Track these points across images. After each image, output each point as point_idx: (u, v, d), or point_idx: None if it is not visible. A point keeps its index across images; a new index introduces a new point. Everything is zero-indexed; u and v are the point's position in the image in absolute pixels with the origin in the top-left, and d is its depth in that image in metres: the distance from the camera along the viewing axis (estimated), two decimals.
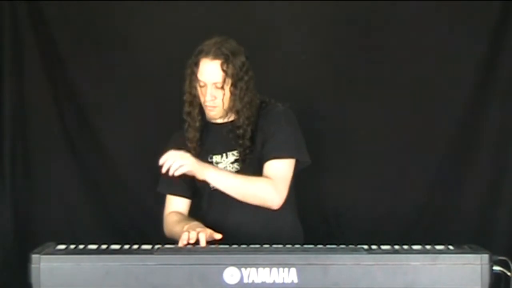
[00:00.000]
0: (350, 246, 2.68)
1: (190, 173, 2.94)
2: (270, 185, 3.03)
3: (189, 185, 3.19)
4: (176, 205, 3.21)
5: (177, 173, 2.90)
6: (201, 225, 2.96)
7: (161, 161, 2.90)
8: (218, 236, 2.86)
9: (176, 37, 3.95)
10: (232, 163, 3.11)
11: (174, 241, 2.93)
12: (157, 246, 2.71)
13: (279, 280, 2.53)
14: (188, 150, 3.12)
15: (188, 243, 2.81)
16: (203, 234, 2.82)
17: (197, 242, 2.83)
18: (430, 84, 3.97)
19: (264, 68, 3.78)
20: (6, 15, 3.93)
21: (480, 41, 3.94)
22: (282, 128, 3.08)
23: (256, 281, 2.53)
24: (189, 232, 2.83)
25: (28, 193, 3.99)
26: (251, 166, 3.07)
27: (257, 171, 3.05)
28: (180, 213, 3.18)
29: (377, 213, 3.96)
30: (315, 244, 2.75)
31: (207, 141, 3.16)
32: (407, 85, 3.98)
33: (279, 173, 3.05)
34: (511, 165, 3.95)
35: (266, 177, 3.04)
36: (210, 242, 2.85)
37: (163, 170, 2.90)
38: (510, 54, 3.91)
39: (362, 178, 4.00)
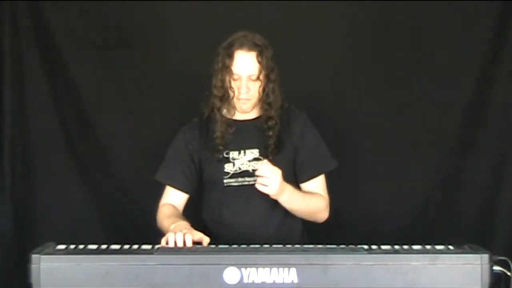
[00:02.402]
0: (350, 246, 2.68)
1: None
2: (325, 204, 3.14)
3: (190, 180, 3.18)
4: (173, 198, 3.18)
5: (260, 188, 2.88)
6: (188, 225, 2.92)
7: (259, 172, 2.88)
8: (207, 240, 2.83)
9: (177, 37, 3.96)
10: (250, 161, 3.11)
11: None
12: (157, 246, 2.71)
13: (279, 280, 2.53)
14: (197, 144, 3.14)
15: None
16: (189, 236, 2.79)
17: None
18: (430, 85, 3.97)
19: None
20: (6, 15, 3.92)
21: (480, 42, 3.94)
22: (317, 140, 3.18)
23: (256, 281, 2.53)
24: (175, 233, 2.78)
25: (28, 193, 3.99)
26: (275, 166, 3.04)
27: (283, 172, 2.99)
28: (174, 207, 3.14)
29: (377, 213, 3.96)
30: (315, 244, 2.75)
31: (224, 136, 3.13)
32: (407, 85, 3.98)
33: (325, 187, 3.17)
34: (511, 165, 3.95)
35: (316, 190, 3.14)
36: (197, 243, 2.84)
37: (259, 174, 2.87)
38: (510, 54, 3.91)
39: (362, 178, 4.00)
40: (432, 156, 4.00)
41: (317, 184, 3.15)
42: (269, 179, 2.87)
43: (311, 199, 3.09)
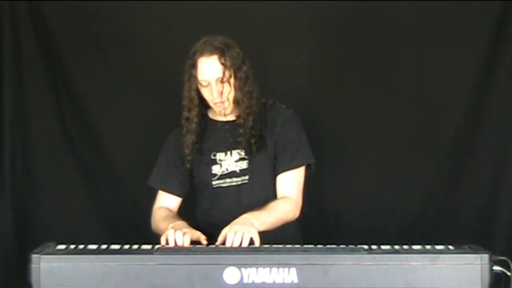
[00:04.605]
0: (350, 246, 2.68)
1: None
2: (293, 205, 3.09)
3: (182, 184, 3.22)
4: (167, 202, 3.22)
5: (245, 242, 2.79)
6: (186, 225, 2.96)
7: (227, 241, 2.78)
8: (204, 241, 2.86)
9: (176, 36, 3.95)
10: (236, 161, 3.12)
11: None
12: (157, 246, 2.71)
13: (279, 280, 2.53)
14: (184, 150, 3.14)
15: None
16: (188, 236, 2.81)
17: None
18: (430, 85, 3.97)
19: (264, 68, 3.78)
20: (6, 15, 3.93)
21: (480, 42, 3.94)
22: (297, 135, 3.14)
23: (256, 281, 2.53)
24: (174, 231, 2.81)
25: (28, 193, 3.99)
26: (259, 165, 3.09)
27: (266, 170, 3.08)
28: (169, 210, 3.18)
29: (377, 213, 3.96)
30: (315, 244, 2.75)
31: (210, 139, 3.17)
32: (407, 86, 3.98)
33: (297, 183, 3.13)
34: (511, 165, 3.95)
35: (285, 187, 3.10)
36: (195, 242, 2.85)
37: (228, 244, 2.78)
38: (510, 55, 3.91)
39: (362, 178, 4.00)
40: (432, 156, 4.00)
41: (292, 178, 3.12)
42: (244, 234, 2.78)
43: (277, 209, 3.04)
